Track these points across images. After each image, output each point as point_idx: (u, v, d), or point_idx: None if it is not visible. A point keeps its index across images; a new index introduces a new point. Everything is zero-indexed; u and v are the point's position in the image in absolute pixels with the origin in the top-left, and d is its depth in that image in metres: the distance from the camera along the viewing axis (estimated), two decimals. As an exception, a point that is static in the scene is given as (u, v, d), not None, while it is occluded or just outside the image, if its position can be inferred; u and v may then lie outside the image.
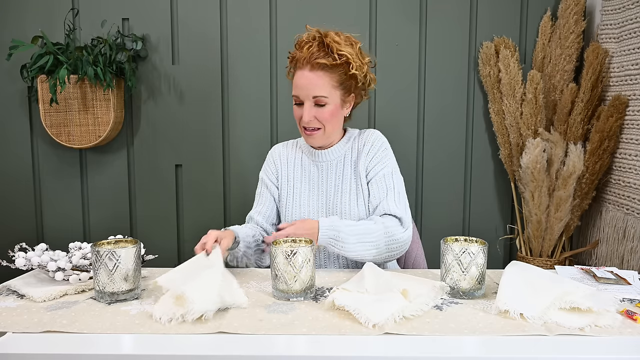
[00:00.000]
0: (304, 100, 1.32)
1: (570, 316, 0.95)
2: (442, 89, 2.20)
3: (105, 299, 1.05)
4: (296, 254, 1.05)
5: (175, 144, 2.23)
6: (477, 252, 1.07)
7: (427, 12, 2.16)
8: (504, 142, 2.13)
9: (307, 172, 1.46)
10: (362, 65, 1.33)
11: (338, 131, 1.42)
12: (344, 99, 1.36)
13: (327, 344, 0.87)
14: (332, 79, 1.30)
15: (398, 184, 1.39)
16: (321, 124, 1.34)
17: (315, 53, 1.28)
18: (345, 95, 1.35)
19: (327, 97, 1.31)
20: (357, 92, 1.39)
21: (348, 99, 1.37)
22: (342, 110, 1.37)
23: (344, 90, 1.34)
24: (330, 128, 1.36)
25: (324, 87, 1.29)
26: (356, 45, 1.34)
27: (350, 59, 1.29)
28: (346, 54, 1.28)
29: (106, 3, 2.15)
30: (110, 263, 1.03)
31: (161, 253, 1.76)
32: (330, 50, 1.29)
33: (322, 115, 1.32)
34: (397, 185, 1.38)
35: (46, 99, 2.04)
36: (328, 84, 1.30)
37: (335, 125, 1.37)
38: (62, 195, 2.26)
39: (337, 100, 1.33)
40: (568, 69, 2.04)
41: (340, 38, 1.31)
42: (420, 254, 1.61)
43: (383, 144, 1.42)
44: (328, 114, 1.32)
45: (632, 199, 1.85)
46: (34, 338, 0.89)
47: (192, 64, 2.19)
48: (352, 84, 1.34)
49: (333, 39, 1.29)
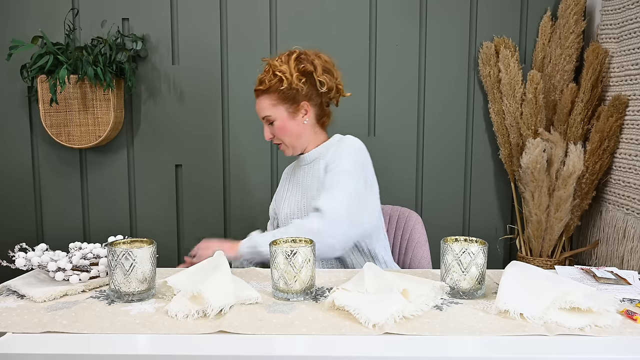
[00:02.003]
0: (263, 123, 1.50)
1: (570, 316, 0.95)
2: (442, 89, 2.20)
3: (122, 298, 1.05)
4: (296, 254, 1.05)
5: (175, 144, 2.23)
6: (477, 252, 1.07)
7: (427, 12, 2.16)
8: (504, 142, 2.13)
9: (294, 175, 1.57)
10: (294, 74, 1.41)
11: (305, 137, 1.49)
12: (291, 111, 1.45)
13: (327, 344, 0.87)
14: (270, 99, 1.44)
15: (346, 183, 1.35)
16: (278, 138, 1.48)
17: (255, 84, 1.47)
18: (292, 107, 1.45)
19: (272, 115, 1.45)
20: (308, 99, 1.45)
21: (298, 108, 1.45)
22: (295, 121, 1.46)
23: (288, 103, 1.44)
24: (288, 139, 1.47)
25: (266, 108, 1.45)
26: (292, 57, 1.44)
27: (282, 76, 1.41)
28: (278, 73, 1.41)
29: (106, 3, 2.15)
30: (127, 263, 1.03)
31: (161, 253, 1.76)
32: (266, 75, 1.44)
33: (275, 131, 1.47)
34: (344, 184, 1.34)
35: (46, 99, 2.04)
36: (268, 105, 1.44)
37: (293, 134, 1.47)
38: (62, 195, 2.26)
39: (284, 114, 1.45)
40: (568, 69, 2.04)
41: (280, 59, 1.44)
42: (426, 257, 1.61)
43: (349, 148, 1.42)
44: (278, 129, 1.46)
45: (632, 199, 1.85)
46: (34, 338, 0.89)
47: (192, 64, 2.19)
48: (294, 94, 1.43)
49: (270, 65, 1.45)
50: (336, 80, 1.48)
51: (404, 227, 1.70)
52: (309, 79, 1.44)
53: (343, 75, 1.76)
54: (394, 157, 2.24)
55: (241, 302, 1.03)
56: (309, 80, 1.44)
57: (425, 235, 1.65)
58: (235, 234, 2.28)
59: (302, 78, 1.43)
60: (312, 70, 1.43)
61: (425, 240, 1.64)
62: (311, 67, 1.43)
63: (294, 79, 1.41)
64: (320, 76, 1.44)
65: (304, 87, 1.43)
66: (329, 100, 1.51)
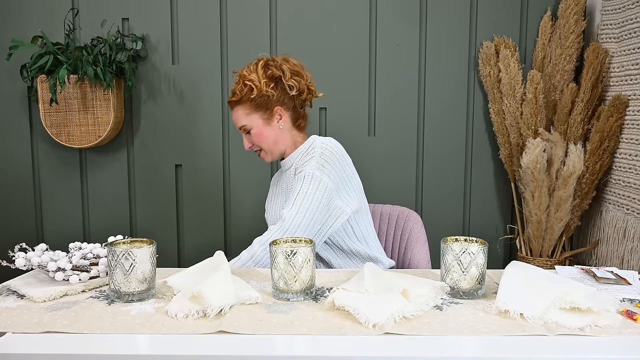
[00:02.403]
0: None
1: (570, 316, 0.95)
2: (442, 88, 2.20)
3: (122, 298, 1.05)
4: (296, 254, 1.05)
5: (175, 144, 2.23)
6: (477, 252, 1.07)
7: (427, 12, 2.16)
8: (504, 142, 2.13)
9: (280, 180, 1.60)
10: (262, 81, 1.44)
11: (282, 142, 1.51)
12: (265, 117, 1.47)
13: (327, 344, 0.87)
14: (244, 109, 1.47)
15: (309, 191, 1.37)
16: (257, 145, 1.51)
17: (229, 96, 1.51)
18: (266, 114, 1.47)
19: (247, 124, 1.48)
20: (281, 104, 1.47)
21: (272, 114, 1.47)
22: (269, 127, 1.48)
23: (261, 111, 1.47)
24: (267, 145, 1.50)
25: (241, 118, 1.48)
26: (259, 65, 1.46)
27: (251, 84, 1.44)
28: (248, 82, 1.44)
29: (106, 3, 2.15)
30: (127, 263, 1.03)
31: (161, 253, 1.76)
32: (236, 86, 1.47)
33: (253, 139, 1.50)
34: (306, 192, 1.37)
35: (46, 99, 2.04)
36: (242, 115, 1.48)
37: (270, 140, 1.49)
38: (62, 195, 2.26)
39: (258, 122, 1.47)
40: (568, 69, 2.04)
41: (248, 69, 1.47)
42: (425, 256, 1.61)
43: (319, 150, 1.43)
44: (255, 137, 1.49)
45: (632, 199, 1.85)
46: (34, 338, 0.89)
47: (192, 64, 2.19)
48: (265, 101, 1.46)
49: (240, 76, 1.47)
50: (307, 82, 1.50)
51: (404, 226, 1.70)
52: (278, 84, 1.46)
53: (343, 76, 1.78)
54: (394, 157, 2.24)
55: (241, 302, 1.03)
56: (279, 85, 1.46)
57: (425, 235, 1.65)
58: (235, 234, 2.28)
59: (271, 84, 1.45)
60: (280, 75, 1.45)
61: (425, 240, 1.64)
62: (279, 72, 1.45)
63: (263, 85, 1.44)
64: (288, 80, 1.46)
65: (274, 93, 1.45)
66: (302, 102, 1.53)
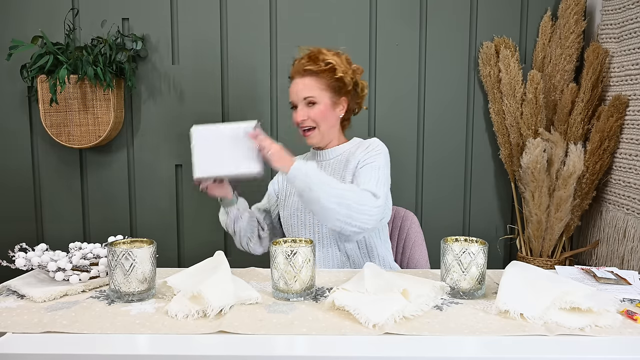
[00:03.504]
0: (297, 103, 1.46)
1: (570, 316, 0.95)
2: (442, 89, 2.20)
3: (122, 298, 1.05)
4: (296, 254, 1.05)
5: (175, 144, 2.23)
6: (477, 252, 1.07)
7: (427, 12, 2.16)
8: (504, 142, 2.13)
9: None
10: (348, 70, 1.47)
11: (334, 131, 1.51)
12: (334, 101, 1.47)
13: (327, 344, 0.87)
14: (319, 82, 1.44)
15: (383, 175, 1.41)
16: (315, 122, 1.45)
17: (304, 63, 1.45)
18: (335, 97, 1.47)
19: (316, 97, 1.44)
20: (348, 96, 1.50)
21: (339, 100, 1.48)
22: (334, 111, 1.48)
23: (333, 92, 1.46)
24: (324, 126, 1.47)
25: (312, 88, 1.44)
26: (342, 56, 1.49)
27: (336, 65, 1.43)
28: (332, 62, 1.43)
29: (106, 3, 2.15)
30: (127, 263, 1.03)
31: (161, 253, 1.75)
32: (317, 59, 1.44)
33: (314, 114, 1.44)
34: (382, 176, 1.40)
35: (46, 99, 2.04)
36: (316, 87, 1.44)
37: (329, 123, 1.47)
38: (62, 195, 2.25)
39: (327, 101, 1.45)
40: (568, 69, 2.04)
41: (328, 51, 1.47)
42: (423, 256, 1.61)
43: (380, 147, 1.47)
44: (319, 112, 1.44)
45: (632, 199, 1.85)
46: (34, 338, 0.89)
47: (192, 64, 2.19)
48: (341, 87, 1.46)
49: (320, 51, 1.46)
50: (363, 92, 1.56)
51: (400, 226, 1.70)
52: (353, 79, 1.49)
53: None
54: (394, 157, 2.21)
55: (241, 302, 1.04)
56: (354, 80, 1.50)
57: (422, 235, 1.65)
58: (235, 234, 2.27)
59: (352, 75, 1.48)
60: (359, 73, 1.51)
61: (422, 240, 1.64)
62: (358, 70, 1.51)
63: (348, 73, 1.46)
64: (362, 81, 1.52)
65: (351, 84, 1.47)
66: (355, 106, 1.56)
